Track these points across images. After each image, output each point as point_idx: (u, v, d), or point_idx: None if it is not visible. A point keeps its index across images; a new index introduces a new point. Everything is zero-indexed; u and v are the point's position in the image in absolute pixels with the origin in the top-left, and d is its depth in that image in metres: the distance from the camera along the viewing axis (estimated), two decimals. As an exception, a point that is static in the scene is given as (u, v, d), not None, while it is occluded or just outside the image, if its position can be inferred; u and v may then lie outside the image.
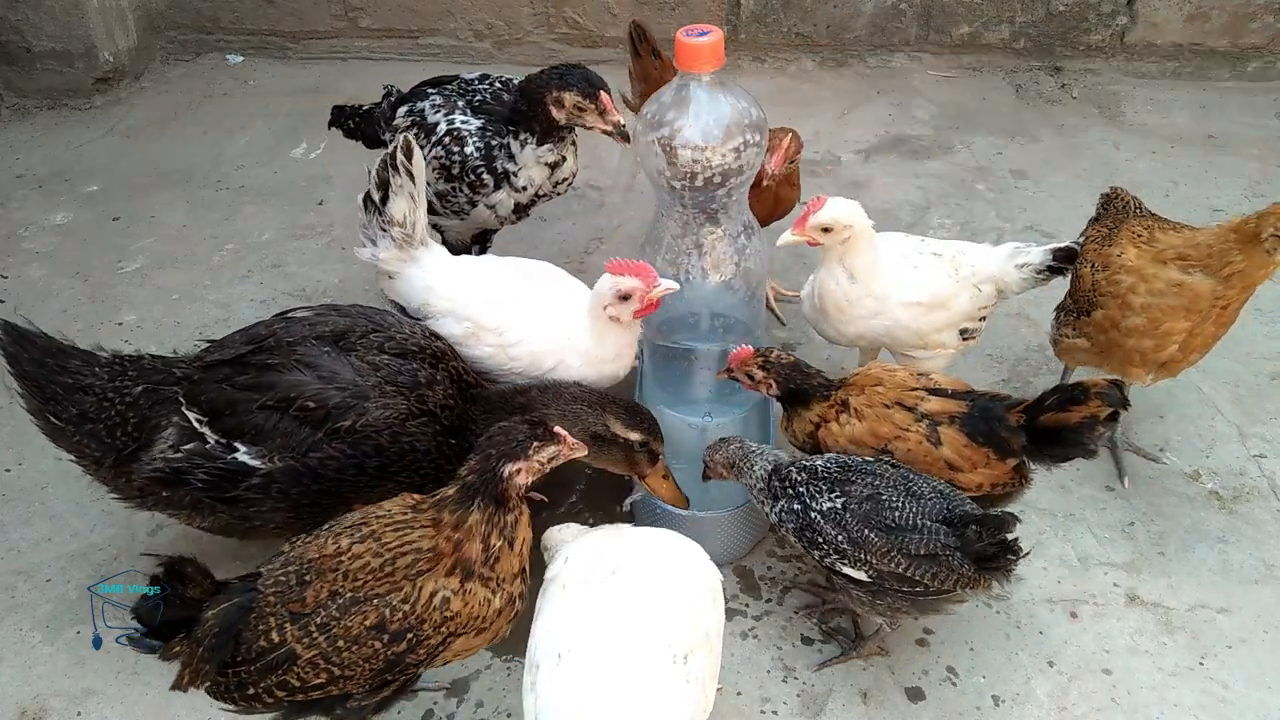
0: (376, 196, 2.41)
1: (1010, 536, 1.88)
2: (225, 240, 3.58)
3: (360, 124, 3.00)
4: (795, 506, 2.02)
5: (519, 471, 1.78)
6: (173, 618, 1.70)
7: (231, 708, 1.79)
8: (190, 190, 3.86)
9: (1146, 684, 2.14)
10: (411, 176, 2.36)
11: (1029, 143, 4.08)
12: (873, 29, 4.55)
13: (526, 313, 2.40)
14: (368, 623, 1.71)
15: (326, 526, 1.82)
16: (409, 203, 2.39)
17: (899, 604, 1.98)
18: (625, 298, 2.28)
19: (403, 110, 2.85)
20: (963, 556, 1.87)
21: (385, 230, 2.42)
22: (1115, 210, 2.60)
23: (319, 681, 1.73)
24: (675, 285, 2.31)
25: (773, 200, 2.91)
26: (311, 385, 2.02)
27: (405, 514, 1.80)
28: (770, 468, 2.10)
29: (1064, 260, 2.35)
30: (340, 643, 1.71)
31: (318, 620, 1.71)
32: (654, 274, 2.27)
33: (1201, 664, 2.17)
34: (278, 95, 4.50)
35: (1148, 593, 2.32)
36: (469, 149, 2.69)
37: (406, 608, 1.73)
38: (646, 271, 2.26)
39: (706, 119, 2.25)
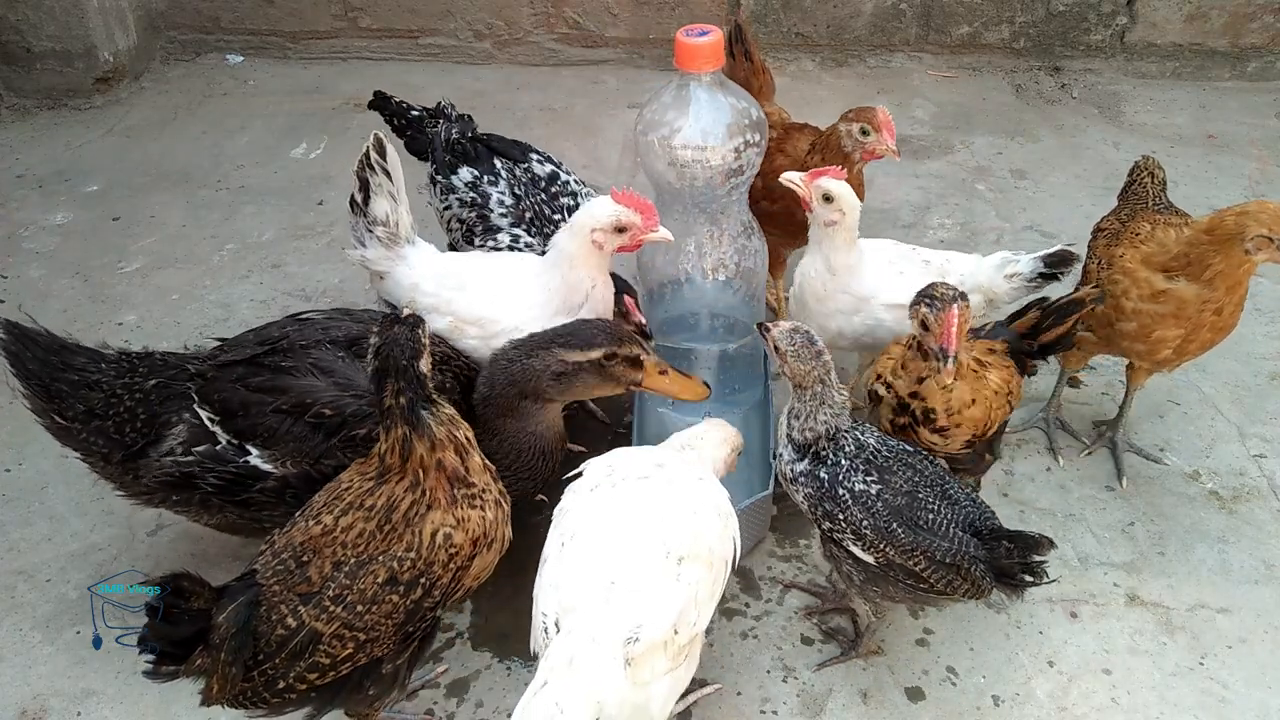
0: (359, 198, 2.41)
1: (1040, 559, 1.86)
2: (225, 240, 3.58)
3: (407, 126, 2.91)
4: (822, 474, 1.94)
5: (425, 362, 1.78)
6: (183, 635, 1.68)
7: (263, 712, 1.77)
8: (190, 190, 3.86)
9: (1146, 684, 2.14)
10: (389, 175, 2.36)
11: (1029, 143, 4.08)
12: (873, 29, 4.55)
13: (507, 304, 2.33)
14: (379, 580, 1.72)
15: (299, 514, 1.81)
16: (390, 201, 2.39)
17: (893, 592, 1.97)
18: (620, 230, 2.20)
19: (466, 175, 2.70)
20: (985, 569, 1.85)
21: (371, 230, 2.42)
22: (1135, 196, 2.58)
23: (348, 652, 1.73)
24: (670, 237, 2.23)
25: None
26: (328, 392, 2.01)
27: (371, 481, 1.78)
28: (834, 429, 1.97)
29: (1055, 266, 2.33)
30: (359, 607, 1.71)
31: (330, 593, 1.71)
32: (655, 216, 2.20)
33: (1201, 664, 2.17)
34: (278, 95, 4.51)
35: (1148, 593, 2.32)
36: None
37: (413, 555, 1.73)
38: (650, 211, 2.19)
39: (707, 119, 2.25)
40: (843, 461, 1.94)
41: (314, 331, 2.14)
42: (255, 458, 2.02)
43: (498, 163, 2.71)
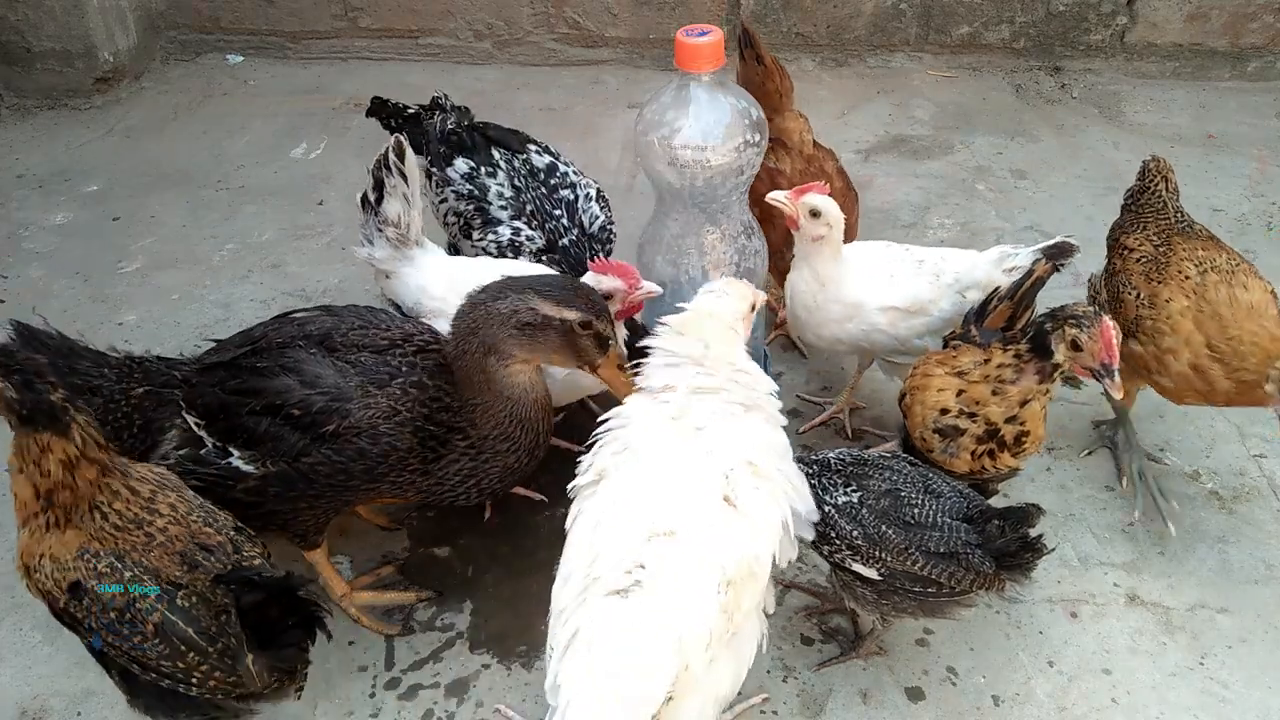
0: (372, 197, 2.41)
1: (1033, 532, 1.87)
2: (225, 240, 3.58)
3: (403, 125, 2.86)
4: None
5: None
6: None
7: None
8: (190, 190, 3.86)
9: (1146, 684, 2.14)
10: (405, 177, 2.36)
11: (1029, 143, 4.08)
12: (873, 29, 4.55)
13: None
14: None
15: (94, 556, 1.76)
16: (403, 203, 2.39)
17: (905, 604, 1.97)
18: (607, 298, 2.20)
19: (462, 166, 2.69)
20: (983, 554, 1.86)
21: (380, 230, 2.42)
22: (1150, 205, 2.45)
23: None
24: (658, 289, 2.26)
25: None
26: (296, 391, 1.99)
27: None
28: None
29: (1055, 257, 2.32)
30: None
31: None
32: (637, 275, 2.23)
33: (1201, 664, 2.17)
34: (278, 95, 4.51)
35: (1148, 593, 2.33)
36: (522, 258, 2.60)
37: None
38: (629, 272, 2.23)
39: (707, 119, 2.26)
40: (814, 482, 1.97)
41: (291, 329, 2.13)
42: (237, 459, 2.02)
43: (496, 153, 2.71)
